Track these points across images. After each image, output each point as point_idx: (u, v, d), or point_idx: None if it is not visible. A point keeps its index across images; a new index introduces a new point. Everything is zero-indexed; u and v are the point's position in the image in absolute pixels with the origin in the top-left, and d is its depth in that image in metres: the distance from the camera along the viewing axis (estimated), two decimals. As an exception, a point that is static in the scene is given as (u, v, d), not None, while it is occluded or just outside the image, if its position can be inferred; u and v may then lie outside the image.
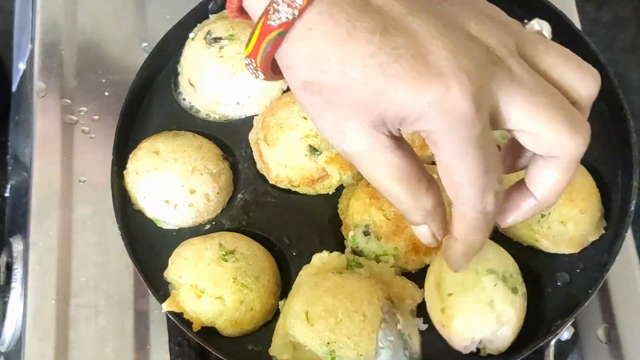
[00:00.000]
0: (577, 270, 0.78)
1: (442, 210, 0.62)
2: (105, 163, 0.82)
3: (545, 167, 0.60)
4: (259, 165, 0.83)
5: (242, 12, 0.61)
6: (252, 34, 0.57)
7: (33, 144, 0.93)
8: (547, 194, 0.61)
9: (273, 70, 0.60)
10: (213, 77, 0.85)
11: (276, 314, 0.76)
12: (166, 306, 0.73)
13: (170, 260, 0.77)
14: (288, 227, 0.81)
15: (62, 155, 0.93)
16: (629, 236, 0.88)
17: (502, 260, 0.73)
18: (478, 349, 0.73)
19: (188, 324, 0.73)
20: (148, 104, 0.87)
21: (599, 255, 0.78)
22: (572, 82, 0.60)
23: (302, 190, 0.81)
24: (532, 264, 0.77)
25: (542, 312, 0.75)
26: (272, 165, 0.81)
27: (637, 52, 1.13)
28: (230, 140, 0.85)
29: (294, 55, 0.57)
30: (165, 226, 0.81)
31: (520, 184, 0.62)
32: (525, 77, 0.57)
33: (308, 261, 0.78)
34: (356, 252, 0.77)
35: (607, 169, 0.81)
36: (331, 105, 0.57)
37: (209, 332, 0.74)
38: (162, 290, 0.76)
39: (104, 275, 0.88)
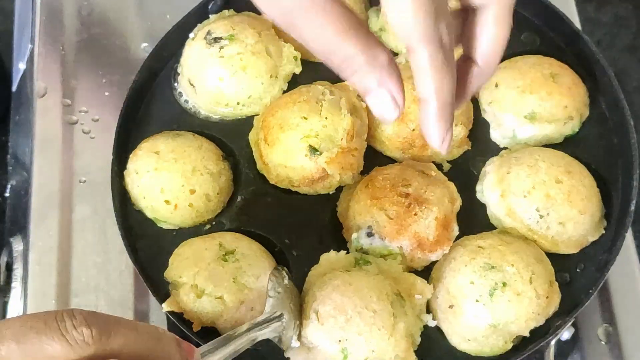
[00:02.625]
0: (577, 270, 0.78)
1: (398, 68, 0.57)
2: (105, 163, 0.82)
3: (480, 24, 0.59)
4: (259, 166, 0.83)
5: None
6: None
7: (33, 144, 0.93)
8: (488, 52, 0.60)
9: None
10: (213, 77, 0.85)
11: (276, 314, 0.76)
12: (166, 306, 0.73)
13: (171, 260, 0.77)
14: (288, 227, 0.81)
15: (62, 155, 0.93)
16: (629, 236, 0.88)
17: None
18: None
19: (188, 324, 0.73)
20: (148, 104, 0.87)
21: (599, 255, 0.78)
22: None
23: (302, 190, 0.81)
24: (532, 264, 0.77)
25: (542, 313, 0.75)
26: (272, 166, 0.81)
27: (637, 52, 1.13)
28: (230, 140, 0.85)
29: None
30: (166, 226, 0.81)
31: (461, 59, 0.61)
32: None
33: (308, 261, 0.78)
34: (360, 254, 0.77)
35: (608, 169, 0.81)
36: None
37: (209, 332, 0.74)
38: (162, 291, 0.76)
39: (104, 275, 0.88)
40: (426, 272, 0.77)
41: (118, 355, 0.50)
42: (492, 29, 0.59)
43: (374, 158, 0.82)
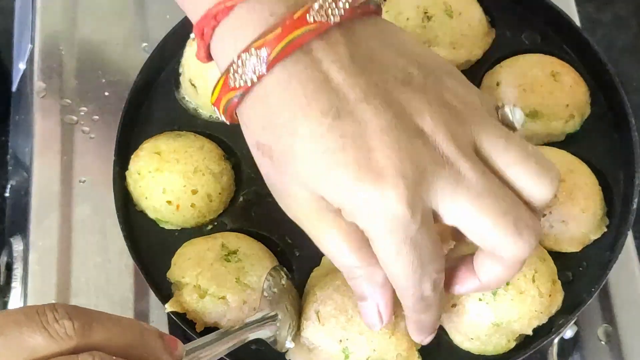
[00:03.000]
0: (580, 269, 0.78)
1: (391, 291, 0.62)
2: (106, 163, 0.82)
3: (490, 259, 0.61)
4: (261, 165, 0.83)
5: (210, 57, 0.62)
6: (216, 85, 0.59)
7: (33, 144, 0.93)
8: (490, 282, 0.62)
9: None
10: (215, 77, 0.84)
11: (279, 313, 0.76)
12: (169, 307, 0.73)
13: (173, 260, 0.77)
14: (290, 227, 0.79)
15: (62, 155, 0.93)
16: (629, 236, 0.88)
17: None
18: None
19: (191, 324, 0.73)
20: (149, 105, 0.87)
21: (601, 254, 0.78)
22: (526, 185, 0.58)
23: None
24: (535, 263, 0.77)
25: (544, 311, 0.75)
26: (274, 165, 0.81)
27: (637, 52, 1.13)
28: (232, 140, 0.85)
29: (250, 116, 0.58)
30: (168, 227, 0.81)
31: (469, 260, 0.63)
32: (474, 179, 0.56)
33: (310, 261, 0.78)
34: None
35: (609, 167, 0.81)
36: (279, 171, 0.58)
37: (212, 333, 0.74)
38: (164, 291, 0.76)
39: (104, 275, 0.88)
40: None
41: (101, 348, 0.50)
42: (500, 269, 0.61)
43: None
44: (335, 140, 0.55)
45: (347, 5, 0.56)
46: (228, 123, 0.62)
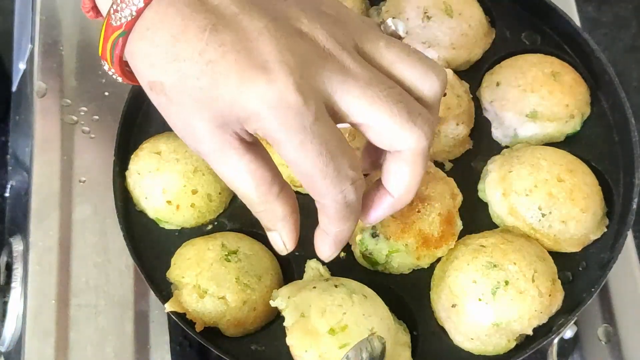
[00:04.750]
0: (580, 269, 0.78)
1: (294, 219, 0.63)
2: (106, 163, 0.82)
3: (394, 162, 0.61)
4: (261, 165, 0.83)
5: (97, 11, 0.63)
6: (100, 34, 0.60)
7: (33, 144, 0.93)
8: (401, 190, 0.63)
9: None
10: (214, 77, 0.84)
11: (279, 313, 0.76)
12: (169, 306, 0.73)
13: (173, 260, 0.77)
14: (290, 226, 0.80)
15: (62, 155, 0.93)
16: (629, 236, 0.88)
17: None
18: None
19: (191, 324, 0.73)
20: (149, 105, 0.86)
21: (601, 254, 0.78)
22: (413, 79, 0.60)
23: (304, 190, 0.81)
24: (535, 263, 0.77)
25: (544, 311, 0.75)
26: (274, 165, 0.81)
27: (637, 52, 1.13)
28: (231, 140, 0.85)
29: (137, 55, 0.59)
30: (168, 227, 0.81)
31: (378, 182, 0.64)
32: (359, 70, 0.58)
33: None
34: (365, 255, 0.77)
35: (609, 167, 0.82)
36: (177, 105, 0.59)
37: (212, 333, 0.74)
38: (164, 291, 0.76)
39: (104, 275, 0.88)
40: (432, 269, 0.78)
41: None
42: (405, 170, 0.61)
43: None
44: (214, 50, 0.56)
45: None
46: (121, 80, 0.63)
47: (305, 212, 0.80)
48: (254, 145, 0.60)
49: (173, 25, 0.57)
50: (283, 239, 0.65)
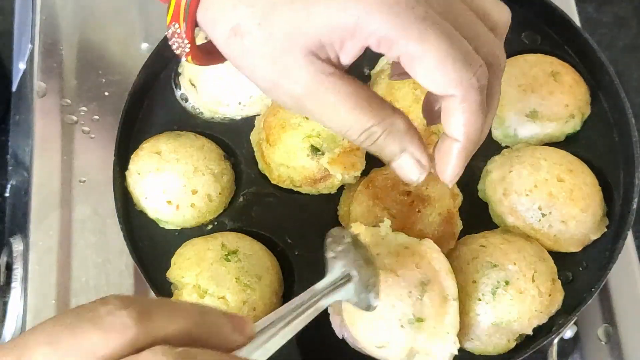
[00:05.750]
0: (580, 269, 0.78)
1: (417, 130, 0.58)
2: (106, 163, 0.82)
3: (450, 107, 0.57)
4: (261, 166, 0.83)
5: None
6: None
7: (33, 144, 0.93)
8: (465, 133, 0.57)
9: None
10: (214, 77, 0.84)
11: (279, 313, 0.76)
12: (169, 306, 0.73)
13: (173, 260, 0.77)
14: (290, 227, 0.81)
15: (62, 155, 0.93)
16: (629, 236, 0.88)
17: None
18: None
19: (191, 324, 0.73)
20: (149, 105, 0.87)
21: (601, 254, 0.78)
22: (488, 10, 0.58)
23: (304, 190, 0.81)
24: (535, 263, 0.77)
25: (544, 311, 0.75)
26: (274, 165, 0.81)
27: (637, 52, 1.13)
28: (232, 140, 0.85)
29: (215, 3, 0.56)
30: (168, 226, 0.80)
31: (443, 135, 0.59)
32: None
33: (311, 261, 0.78)
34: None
35: (609, 167, 0.82)
36: (265, 43, 0.55)
37: (212, 332, 0.74)
38: (164, 291, 0.76)
39: (104, 275, 0.88)
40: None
41: (162, 336, 0.45)
42: (462, 114, 0.57)
43: (375, 157, 0.82)
44: None
45: None
46: (187, 52, 0.59)
47: (306, 211, 0.81)
48: (346, 72, 0.56)
49: None
50: (416, 157, 0.58)
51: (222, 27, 0.56)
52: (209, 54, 0.61)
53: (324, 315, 0.72)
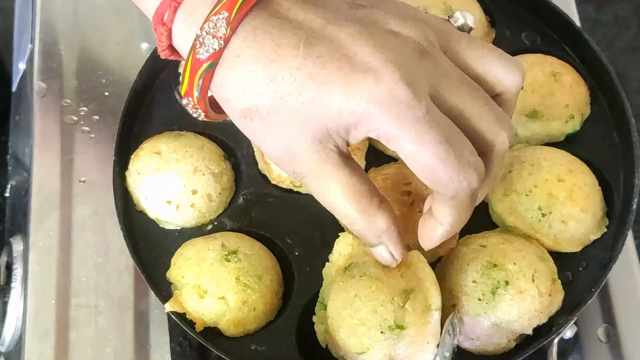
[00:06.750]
0: (580, 269, 0.78)
1: (397, 229, 0.63)
2: (106, 163, 0.82)
3: (439, 198, 0.61)
4: (261, 166, 0.83)
5: (173, 50, 0.62)
6: (184, 72, 0.59)
7: (33, 144, 0.93)
8: (450, 223, 0.63)
9: (214, 110, 0.62)
10: (214, 77, 0.84)
11: (279, 313, 0.76)
12: (169, 306, 0.73)
13: (173, 260, 0.77)
14: (290, 227, 0.80)
15: (62, 155, 0.93)
16: (629, 236, 0.88)
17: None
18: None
19: (191, 324, 0.73)
20: (149, 105, 0.87)
21: (601, 254, 0.78)
22: (497, 74, 0.61)
23: (304, 190, 0.81)
24: (535, 263, 0.77)
25: (544, 311, 0.75)
26: (274, 166, 0.81)
27: (637, 52, 1.14)
28: (231, 140, 0.85)
29: (227, 85, 0.58)
30: (168, 227, 0.80)
31: (430, 210, 0.63)
32: (450, 68, 0.58)
33: (310, 261, 0.78)
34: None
35: (609, 167, 0.81)
36: (274, 128, 0.58)
37: (212, 333, 0.74)
38: (164, 291, 0.76)
39: (104, 275, 0.88)
40: (432, 269, 0.77)
41: None
42: (448, 208, 0.62)
43: (375, 158, 0.82)
44: (313, 63, 0.55)
45: None
46: (203, 117, 0.62)
47: (306, 212, 0.81)
48: (350, 159, 0.60)
49: (264, 47, 0.56)
50: (390, 250, 0.64)
51: (233, 107, 0.59)
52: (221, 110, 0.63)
53: (324, 316, 0.72)
